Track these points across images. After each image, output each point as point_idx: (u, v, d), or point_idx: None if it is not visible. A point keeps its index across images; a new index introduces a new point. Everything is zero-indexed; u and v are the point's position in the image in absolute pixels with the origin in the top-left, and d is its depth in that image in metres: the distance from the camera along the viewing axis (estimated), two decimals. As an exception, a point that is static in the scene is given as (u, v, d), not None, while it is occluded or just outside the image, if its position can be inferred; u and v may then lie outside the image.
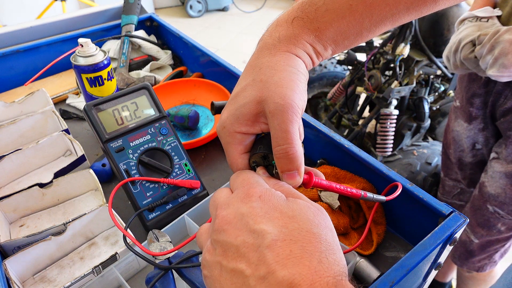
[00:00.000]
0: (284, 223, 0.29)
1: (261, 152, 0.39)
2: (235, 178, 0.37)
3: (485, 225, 0.95)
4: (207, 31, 3.74)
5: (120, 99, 0.61)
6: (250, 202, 0.31)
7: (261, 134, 0.41)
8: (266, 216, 0.30)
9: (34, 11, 2.78)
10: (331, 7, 0.39)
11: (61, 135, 0.72)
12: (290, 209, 0.30)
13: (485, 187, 0.92)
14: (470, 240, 1.01)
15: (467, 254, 1.04)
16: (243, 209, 0.31)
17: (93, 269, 0.51)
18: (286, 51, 0.39)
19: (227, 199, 0.33)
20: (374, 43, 1.56)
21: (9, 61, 0.95)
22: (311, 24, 0.39)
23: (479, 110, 0.94)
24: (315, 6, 0.39)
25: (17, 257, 0.52)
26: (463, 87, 0.97)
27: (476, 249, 1.01)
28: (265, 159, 0.39)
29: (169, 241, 0.52)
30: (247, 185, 0.34)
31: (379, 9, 0.38)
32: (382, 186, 0.59)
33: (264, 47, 0.40)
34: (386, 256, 0.57)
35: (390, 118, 1.38)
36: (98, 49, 0.73)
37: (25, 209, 0.63)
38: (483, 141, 0.98)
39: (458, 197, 1.12)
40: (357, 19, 0.39)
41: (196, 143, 0.74)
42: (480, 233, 0.97)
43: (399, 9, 0.38)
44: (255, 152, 0.39)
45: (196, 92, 0.90)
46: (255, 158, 0.40)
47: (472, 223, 0.98)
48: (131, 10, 1.07)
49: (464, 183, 1.08)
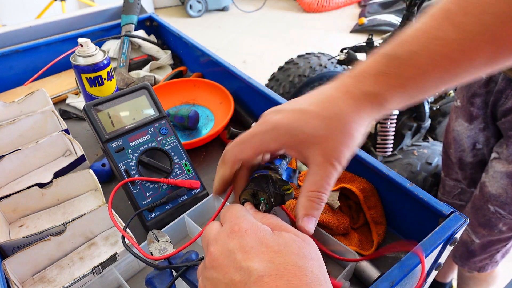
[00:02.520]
0: (270, 257, 0.30)
1: (252, 189, 0.41)
2: (225, 212, 0.37)
3: (486, 225, 0.95)
4: (207, 31, 3.74)
5: (120, 99, 0.61)
6: (236, 237, 0.32)
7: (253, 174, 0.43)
8: (252, 252, 0.30)
9: (33, 11, 2.77)
10: (415, 62, 0.37)
11: (61, 135, 0.72)
12: (276, 243, 0.31)
13: (486, 187, 0.92)
14: (471, 240, 1.00)
15: (468, 254, 1.04)
16: (230, 245, 0.31)
17: (92, 269, 0.51)
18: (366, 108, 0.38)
19: (216, 234, 0.34)
20: (375, 43, 1.55)
21: (8, 61, 0.94)
22: (396, 80, 0.38)
23: (480, 109, 0.94)
24: (400, 60, 0.38)
25: (16, 258, 0.51)
26: (463, 87, 0.96)
27: (477, 249, 1.01)
28: (254, 197, 0.41)
29: (169, 241, 0.52)
30: (234, 219, 0.34)
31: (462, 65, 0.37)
32: (382, 186, 0.58)
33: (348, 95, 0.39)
34: (386, 256, 0.57)
35: (390, 118, 1.38)
36: (98, 49, 0.73)
37: (25, 209, 0.63)
38: (483, 141, 0.97)
39: (458, 197, 1.11)
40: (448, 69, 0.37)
41: (196, 143, 0.74)
42: (482, 233, 0.97)
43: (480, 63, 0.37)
44: (246, 188, 0.41)
45: (196, 92, 0.90)
46: (245, 195, 0.41)
47: (473, 223, 0.98)
48: (130, 10, 1.07)
49: (464, 183, 1.08)
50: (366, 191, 0.58)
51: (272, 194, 0.40)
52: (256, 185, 0.41)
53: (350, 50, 1.52)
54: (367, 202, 0.58)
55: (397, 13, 3.40)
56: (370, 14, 3.58)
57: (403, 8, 1.28)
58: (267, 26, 3.74)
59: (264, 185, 0.41)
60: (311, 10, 3.97)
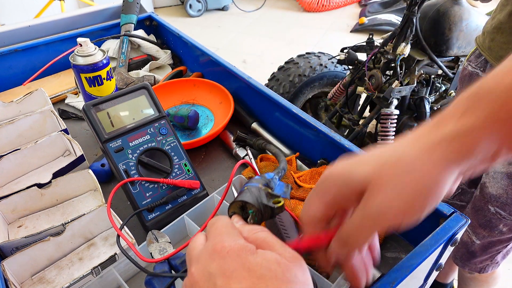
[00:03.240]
0: (252, 283, 0.28)
1: (240, 201, 0.40)
2: (211, 225, 0.35)
3: (486, 226, 0.94)
4: (206, 30, 3.74)
5: (120, 99, 0.60)
6: (218, 258, 0.30)
7: (243, 187, 0.42)
8: (233, 276, 0.28)
9: (32, 10, 2.77)
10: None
11: (60, 135, 0.71)
12: (259, 266, 0.29)
13: (487, 187, 0.92)
14: (471, 241, 1.00)
15: (468, 255, 1.04)
16: (211, 267, 0.29)
17: (92, 270, 0.51)
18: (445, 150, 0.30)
19: (199, 252, 0.32)
20: (375, 43, 1.55)
21: (7, 61, 0.94)
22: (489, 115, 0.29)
23: None
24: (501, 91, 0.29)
25: (15, 258, 0.51)
26: (463, 88, 0.96)
27: (477, 250, 1.01)
28: (243, 210, 0.40)
29: (168, 242, 0.52)
30: (218, 236, 0.32)
31: None
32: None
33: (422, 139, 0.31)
34: (387, 257, 0.56)
35: (390, 118, 1.37)
36: (97, 48, 0.72)
37: (24, 210, 0.62)
38: None
39: (459, 198, 1.11)
40: None
41: (196, 143, 0.74)
42: (482, 234, 0.96)
43: None
44: (234, 201, 0.40)
45: (195, 92, 0.89)
46: (233, 208, 0.40)
47: (473, 224, 0.98)
48: (130, 9, 1.07)
49: (465, 184, 1.07)
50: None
51: (262, 207, 0.39)
52: (245, 197, 0.40)
53: (350, 49, 1.51)
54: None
55: (398, 12, 3.39)
56: (370, 13, 3.57)
57: (404, 8, 1.27)
58: (267, 26, 3.73)
59: (253, 197, 0.39)
60: (311, 10, 3.96)
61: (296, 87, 1.78)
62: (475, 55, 0.93)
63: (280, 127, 0.75)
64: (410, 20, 1.25)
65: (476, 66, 0.91)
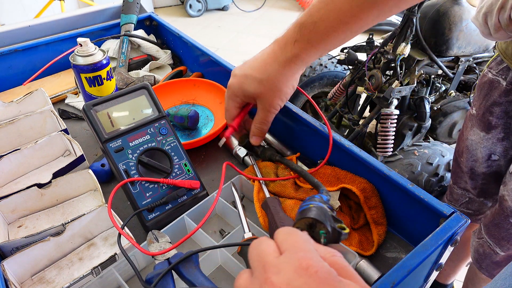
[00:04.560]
0: None
1: (312, 218, 0.38)
2: (286, 235, 0.33)
3: (510, 238, 0.92)
4: (206, 30, 3.74)
5: (120, 99, 0.60)
6: (305, 276, 0.28)
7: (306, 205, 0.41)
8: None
9: (32, 10, 2.77)
10: (319, 29, 0.54)
11: (60, 135, 0.71)
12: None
13: (506, 201, 0.89)
14: (495, 253, 0.97)
15: (493, 265, 1.01)
16: (297, 283, 0.28)
17: (92, 270, 0.51)
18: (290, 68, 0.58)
19: (277, 260, 0.30)
20: (375, 43, 1.55)
21: (7, 61, 0.94)
22: (307, 44, 0.56)
23: (500, 119, 0.89)
24: (308, 29, 0.54)
25: (15, 258, 0.51)
26: (481, 95, 0.92)
27: (503, 260, 0.99)
28: (310, 228, 0.38)
29: (168, 242, 0.52)
30: (300, 252, 0.30)
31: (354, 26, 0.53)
32: (383, 186, 0.58)
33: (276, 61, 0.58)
34: (387, 256, 0.56)
35: (390, 118, 1.37)
36: (97, 48, 0.72)
37: (24, 210, 0.63)
38: (501, 151, 0.93)
39: (466, 206, 1.09)
40: (344, 30, 0.54)
41: (196, 143, 0.74)
42: (506, 246, 0.94)
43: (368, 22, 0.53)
44: (303, 216, 0.38)
45: (195, 92, 0.89)
46: (300, 224, 0.39)
47: (496, 237, 0.95)
48: (130, 9, 1.07)
49: (473, 193, 1.05)
50: (366, 191, 0.58)
51: (331, 230, 0.37)
52: (318, 217, 0.38)
53: (350, 49, 1.52)
54: (367, 202, 0.58)
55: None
56: (370, 13, 3.57)
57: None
58: (267, 26, 3.73)
59: (324, 218, 0.38)
60: (311, 10, 3.96)
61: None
62: (496, 61, 0.89)
63: (280, 127, 0.75)
64: (410, 20, 1.25)
65: (497, 73, 0.87)
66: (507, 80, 0.85)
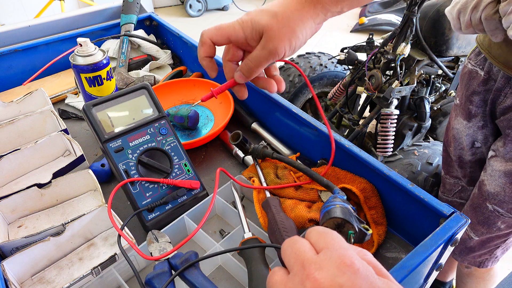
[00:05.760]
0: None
1: (341, 218, 0.38)
2: (320, 234, 0.33)
3: (484, 223, 0.95)
4: (207, 30, 3.74)
5: (119, 99, 0.60)
6: (348, 273, 0.28)
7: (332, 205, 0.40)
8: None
9: (32, 10, 2.77)
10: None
11: (60, 135, 0.71)
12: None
13: (485, 185, 0.92)
14: (469, 237, 1.00)
15: (467, 250, 1.04)
16: (341, 279, 0.28)
17: (92, 270, 0.51)
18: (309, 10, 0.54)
19: (316, 257, 0.30)
20: (375, 43, 1.55)
21: (7, 61, 0.94)
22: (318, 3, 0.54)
23: (479, 108, 0.94)
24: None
25: (15, 258, 0.51)
26: (463, 85, 0.96)
27: (476, 246, 1.01)
28: (338, 227, 0.38)
29: (168, 242, 0.52)
30: (340, 249, 0.30)
31: None
32: (383, 186, 0.58)
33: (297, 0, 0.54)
34: (387, 257, 0.56)
35: (390, 118, 1.37)
36: (97, 48, 0.72)
37: (24, 210, 0.62)
38: (482, 139, 0.97)
39: (459, 195, 1.11)
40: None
41: (196, 143, 0.74)
42: (480, 231, 0.97)
43: None
44: (332, 216, 0.38)
45: (195, 92, 0.89)
46: (329, 224, 0.38)
47: (472, 221, 0.98)
48: (130, 9, 1.07)
49: (464, 181, 1.07)
50: (366, 191, 0.58)
51: (357, 230, 0.37)
52: (346, 217, 0.37)
53: (350, 49, 1.51)
54: (367, 202, 0.58)
55: (398, 12, 3.39)
56: (370, 13, 3.57)
57: (404, 8, 1.27)
58: (267, 26, 3.73)
59: (351, 219, 0.38)
60: (311, 10, 3.96)
61: (296, 87, 1.78)
62: (475, 53, 0.93)
63: (280, 127, 0.75)
64: (410, 20, 1.25)
65: (476, 63, 0.91)
66: (485, 70, 0.89)
